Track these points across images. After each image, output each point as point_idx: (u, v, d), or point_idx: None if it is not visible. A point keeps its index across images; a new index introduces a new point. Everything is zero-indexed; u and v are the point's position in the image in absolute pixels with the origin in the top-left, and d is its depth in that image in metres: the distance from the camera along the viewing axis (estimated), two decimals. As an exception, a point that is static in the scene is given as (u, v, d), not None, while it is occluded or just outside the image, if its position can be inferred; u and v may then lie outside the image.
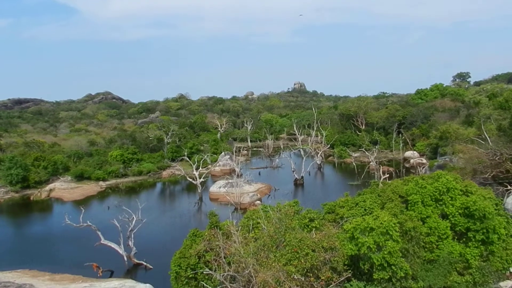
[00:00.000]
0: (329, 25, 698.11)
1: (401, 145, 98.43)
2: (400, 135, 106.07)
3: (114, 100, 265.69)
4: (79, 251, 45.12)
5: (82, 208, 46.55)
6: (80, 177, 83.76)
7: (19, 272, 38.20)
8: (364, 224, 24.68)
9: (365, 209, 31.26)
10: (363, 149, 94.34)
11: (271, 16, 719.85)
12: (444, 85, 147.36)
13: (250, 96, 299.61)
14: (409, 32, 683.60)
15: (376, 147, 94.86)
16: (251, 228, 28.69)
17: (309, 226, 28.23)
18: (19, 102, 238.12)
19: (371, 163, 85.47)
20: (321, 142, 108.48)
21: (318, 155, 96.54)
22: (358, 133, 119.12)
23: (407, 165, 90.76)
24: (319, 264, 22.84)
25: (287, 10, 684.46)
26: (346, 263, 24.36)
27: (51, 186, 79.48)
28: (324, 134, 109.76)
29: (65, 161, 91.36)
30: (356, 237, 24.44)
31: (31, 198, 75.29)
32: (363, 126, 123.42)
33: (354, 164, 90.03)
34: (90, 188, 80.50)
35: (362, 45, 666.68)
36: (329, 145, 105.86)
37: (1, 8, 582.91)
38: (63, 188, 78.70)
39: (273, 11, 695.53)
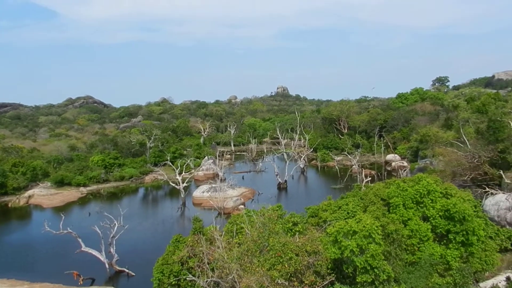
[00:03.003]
0: (313, 30, 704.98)
1: (382, 148, 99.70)
2: (381, 138, 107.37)
3: (95, 104, 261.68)
4: (59, 259, 44.26)
5: (62, 215, 45.59)
6: (60, 183, 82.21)
7: (-4, 282, 37.20)
8: (347, 227, 24.82)
9: (348, 213, 31.50)
10: (345, 153, 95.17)
11: (255, 21, 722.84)
12: (424, 89, 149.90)
13: (233, 100, 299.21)
14: (391, 37, 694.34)
15: (358, 150, 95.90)
16: (235, 233, 28.58)
17: (293, 230, 28.29)
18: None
19: (354, 166, 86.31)
20: (304, 146, 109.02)
21: (301, 159, 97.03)
22: (341, 136, 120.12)
23: (388, 168, 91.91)
24: (303, 268, 22.86)
25: (272, 14, 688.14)
26: (329, 266, 24.43)
27: (30, 192, 77.72)
28: (307, 138, 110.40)
29: (45, 166, 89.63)
30: (339, 240, 24.55)
31: (9, 205, 73.49)
32: (346, 130, 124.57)
33: (337, 167, 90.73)
34: (70, 194, 79.07)
35: (344, 49, 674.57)
36: (312, 149, 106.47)
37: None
38: (42, 194, 77.07)
39: (257, 15, 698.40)
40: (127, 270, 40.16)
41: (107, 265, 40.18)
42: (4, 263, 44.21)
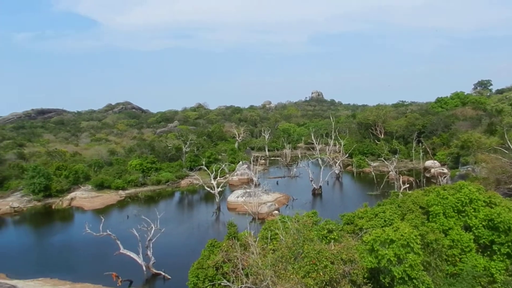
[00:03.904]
0: (346, 34, 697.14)
1: (421, 154, 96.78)
2: (420, 144, 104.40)
3: (133, 109, 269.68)
4: (99, 260, 45.65)
5: (102, 217, 47.28)
6: (100, 186, 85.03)
7: (41, 281, 38.83)
8: (384, 236, 24.19)
9: (384, 220, 30.70)
10: (382, 159, 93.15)
11: (285, 27, 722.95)
12: (465, 93, 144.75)
13: (267, 105, 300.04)
14: (426, 40, 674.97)
15: (396, 156, 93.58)
16: (269, 239, 28.50)
17: (328, 238, 27.86)
18: (42, 112, 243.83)
19: (391, 172, 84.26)
20: (339, 151, 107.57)
21: (337, 164, 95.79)
22: (377, 142, 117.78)
23: (427, 175, 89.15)
24: (338, 277, 22.45)
25: (302, 20, 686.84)
26: (365, 276, 23.88)
27: (72, 195, 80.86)
28: (342, 143, 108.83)
29: (86, 170, 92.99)
30: (376, 249, 23.95)
31: (53, 207, 76.74)
32: (382, 135, 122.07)
33: (373, 173, 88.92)
34: (110, 197, 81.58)
35: (379, 53, 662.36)
36: (347, 154, 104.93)
37: (27, 22, 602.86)
38: (83, 197, 79.97)
39: (287, 21, 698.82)
40: (163, 273, 40.89)
41: (144, 268, 41.12)
42: (48, 263, 46.14)
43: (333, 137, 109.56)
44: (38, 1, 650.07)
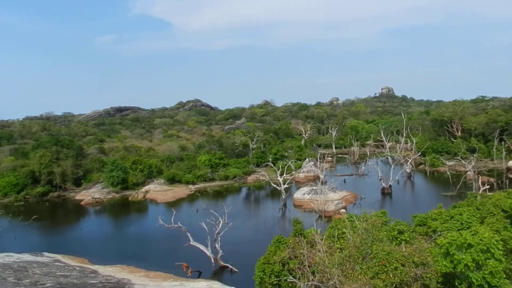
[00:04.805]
0: (417, 27, 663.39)
1: (503, 153, 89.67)
2: (502, 142, 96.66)
3: (203, 107, 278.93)
4: (170, 250, 47.84)
5: (173, 210, 49.65)
6: (172, 180, 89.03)
7: (118, 267, 41.49)
8: (461, 239, 22.75)
9: (461, 223, 28.97)
10: (458, 158, 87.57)
11: (356, 21, 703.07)
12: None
13: (335, 102, 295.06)
14: (506, 30, 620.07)
15: (474, 155, 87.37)
16: (336, 237, 28.05)
17: (398, 239, 26.80)
18: (120, 110, 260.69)
19: (468, 172, 78.88)
20: (411, 150, 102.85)
21: (408, 163, 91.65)
22: (453, 140, 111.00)
23: (511, 176, 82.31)
24: (410, 280, 21.52)
25: (371, 15, 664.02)
26: (439, 280, 22.68)
27: (146, 188, 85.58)
28: (414, 141, 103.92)
29: (159, 165, 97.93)
30: (451, 253, 22.61)
31: (129, 199, 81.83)
32: (459, 133, 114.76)
33: (449, 173, 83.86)
34: (180, 191, 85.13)
35: (454, 46, 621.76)
36: (420, 153, 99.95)
37: (107, 26, 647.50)
38: (157, 190, 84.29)
39: (357, 15, 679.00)
40: (230, 266, 41.85)
41: (212, 260, 42.41)
42: (124, 251, 49.29)
43: (404, 135, 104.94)
44: (117, 6, 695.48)
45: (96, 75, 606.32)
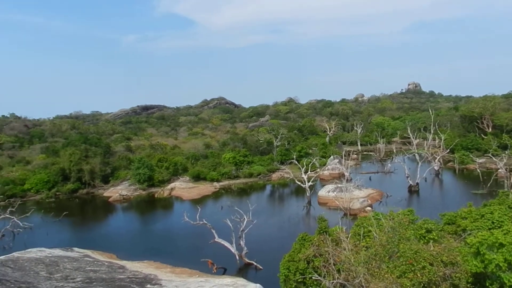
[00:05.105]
0: (444, 21, 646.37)
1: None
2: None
3: (227, 105, 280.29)
4: (196, 247, 48.41)
5: (198, 207, 50.21)
6: (197, 178, 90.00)
7: (145, 263, 42.26)
8: (492, 238, 22.08)
9: (492, 222, 28.15)
10: (489, 155, 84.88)
11: (382, 15, 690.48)
12: None
13: (360, 98, 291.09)
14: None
15: (506, 152, 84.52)
16: (362, 236, 27.74)
17: (426, 238, 26.25)
18: (146, 108, 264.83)
19: (500, 170, 76.35)
20: (439, 146, 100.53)
21: (436, 160, 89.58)
22: (483, 136, 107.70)
23: (545, 173, 79.17)
24: (438, 280, 21.06)
25: (397, 9, 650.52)
26: (469, 281, 22.08)
27: (172, 185, 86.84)
28: (442, 138, 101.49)
29: (184, 162, 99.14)
30: (482, 252, 21.98)
31: (155, 196, 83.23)
32: (490, 129, 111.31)
33: (479, 171, 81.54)
34: (205, 188, 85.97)
35: (483, 40, 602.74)
36: (448, 150, 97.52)
37: (133, 25, 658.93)
38: (182, 187, 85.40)
39: (384, 10, 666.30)
40: (255, 263, 41.99)
41: (237, 257, 42.67)
42: (151, 247, 50.14)
43: (432, 131, 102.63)
44: (142, 5, 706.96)
45: (123, 74, 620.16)
